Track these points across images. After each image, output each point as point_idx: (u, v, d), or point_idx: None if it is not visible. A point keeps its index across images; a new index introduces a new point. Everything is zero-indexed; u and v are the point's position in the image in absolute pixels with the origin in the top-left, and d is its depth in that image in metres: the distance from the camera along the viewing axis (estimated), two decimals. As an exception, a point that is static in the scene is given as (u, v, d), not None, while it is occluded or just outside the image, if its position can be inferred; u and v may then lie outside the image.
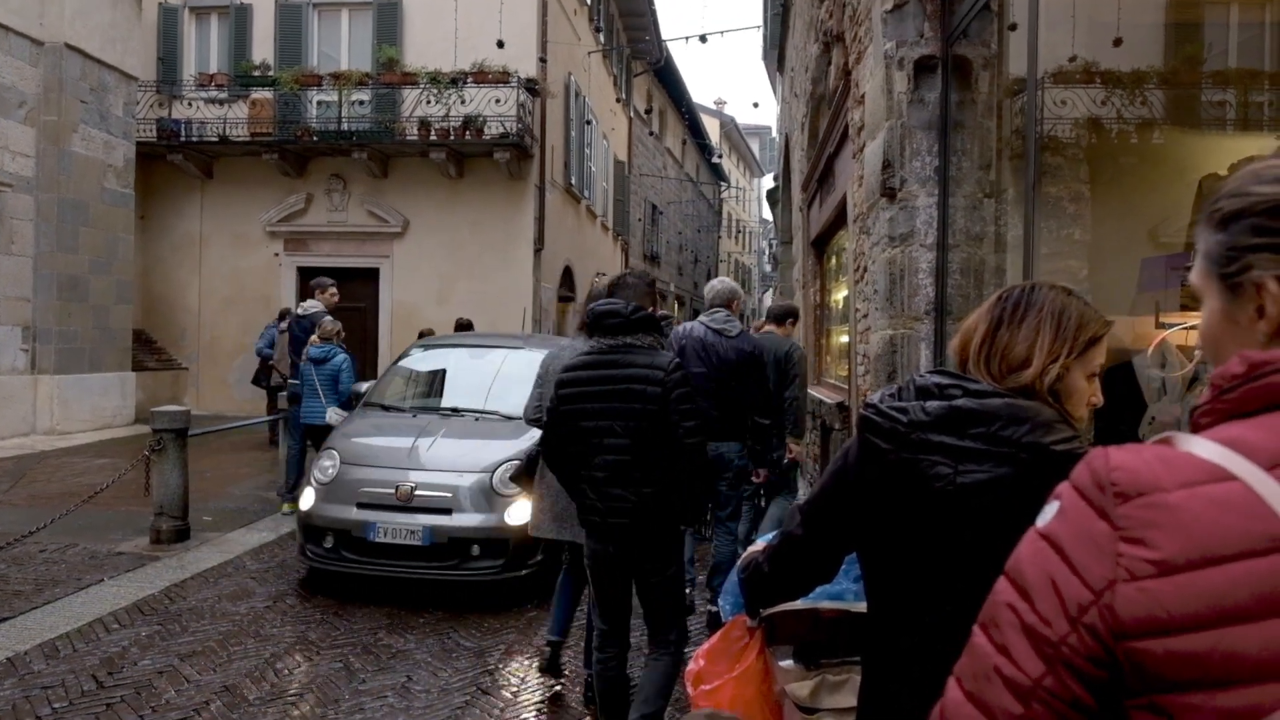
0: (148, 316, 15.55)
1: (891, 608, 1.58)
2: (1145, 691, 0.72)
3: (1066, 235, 3.91)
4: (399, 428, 6.23)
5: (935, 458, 1.44)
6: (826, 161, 7.80)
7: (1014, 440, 1.40)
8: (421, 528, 5.28)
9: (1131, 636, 0.72)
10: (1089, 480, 0.79)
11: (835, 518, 1.61)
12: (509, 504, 5.36)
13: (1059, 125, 4.00)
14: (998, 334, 1.50)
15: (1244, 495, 0.71)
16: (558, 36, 16.27)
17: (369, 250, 15.62)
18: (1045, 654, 0.77)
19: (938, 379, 1.51)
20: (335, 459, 5.75)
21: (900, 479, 1.47)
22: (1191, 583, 0.70)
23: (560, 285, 17.70)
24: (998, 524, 1.34)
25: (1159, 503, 0.74)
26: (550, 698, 4.19)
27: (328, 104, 14.71)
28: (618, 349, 3.30)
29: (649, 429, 3.17)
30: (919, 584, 1.51)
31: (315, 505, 5.59)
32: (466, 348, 7.57)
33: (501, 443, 5.77)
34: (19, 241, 11.52)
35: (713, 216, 41.13)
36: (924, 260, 3.98)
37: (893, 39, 4.10)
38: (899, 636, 1.57)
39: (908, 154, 4.01)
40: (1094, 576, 0.75)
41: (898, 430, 1.48)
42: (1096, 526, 0.76)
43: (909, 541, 1.51)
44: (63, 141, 11.96)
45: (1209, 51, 3.94)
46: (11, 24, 11.23)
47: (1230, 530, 0.70)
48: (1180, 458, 0.76)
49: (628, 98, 24.12)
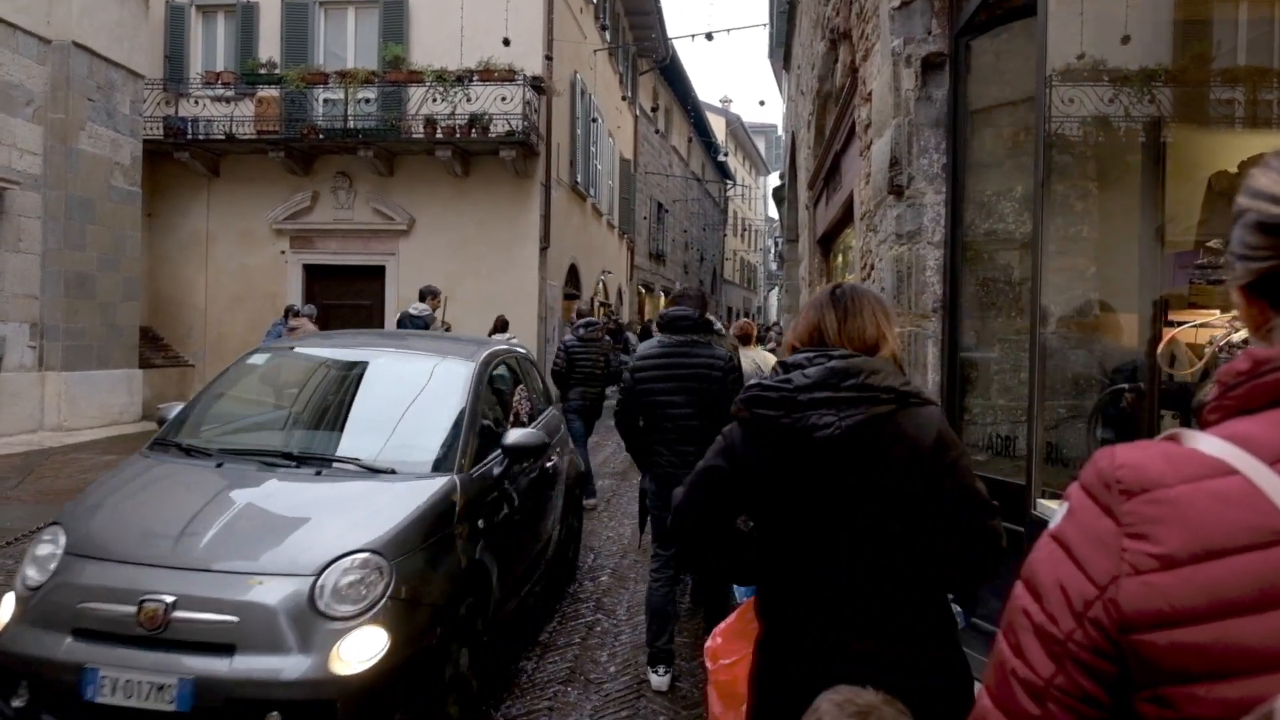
0: (154, 314, 15.60)
1: (782, 575, 1.87)
2: (1150, 684, 0.73)
3: (1074, 233, 3.90)
4: (185, 488, 3.71)
5: (821, 411, 1.77)
6: (833, 159, 7.79)
7: (878, 385, 1.78)
8: (178, 680, 2.89)
9: (1136, 630, 0.73)
10: (1096, 480, 0.80)
11: (712, 497, 1.95)
12: (342, 635, 3.03)
13: (1066, 124, 3.98)
14: (847, 322, 1.90)
15: (1246, 489, 0.72)
16: (563, 34, 16.27)
17: (375, 248, 15.64)
18: (1054, 652, 0.79)
19: (805, 355, 1.88)
20: (58, 543, 3.35)
21: (789, 441, 1.80)
22: (1194, 576, 0.71)
23: (566, 283, 17.70)
24: (873, 459, 1.77)
25: (1162, 498, 0.75)
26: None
27: (334, 102, 14.73)
28: (686, 344, 4.35)
29: (711, 403, 4.13)
30: (807, 540, 1.83)
31: (8, 628, 3.17)
32: (358, 348, 5.03)
33: (350, 519, 3.44)
34: (27, 239, 11.56)
35: (718, 215, 41.12)
36: (931, 258, 3.97)
37: (900, 36, 4.09)
38: (788, 606, 1.84)
39: (915, 151, 4.00)
40: (1099, 572, 0.76)
41: (785, 396, 1.81)
42: (1102, 524, 0.78)
43: (797, 499, 1.83)
44: (70, 139, 11.99)
45: (1218, 49, 3.93)
46: (19, 22, 11.26)
47: (1232, 524, 0.71)
48: (1184, 454, 0.77)
49: (633, 96, 24.12)
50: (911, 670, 1.72)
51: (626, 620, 5.20)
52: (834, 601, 1.79)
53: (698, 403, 4.20)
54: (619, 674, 4.42)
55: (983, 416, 4.10)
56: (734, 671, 2.08)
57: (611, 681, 4.32)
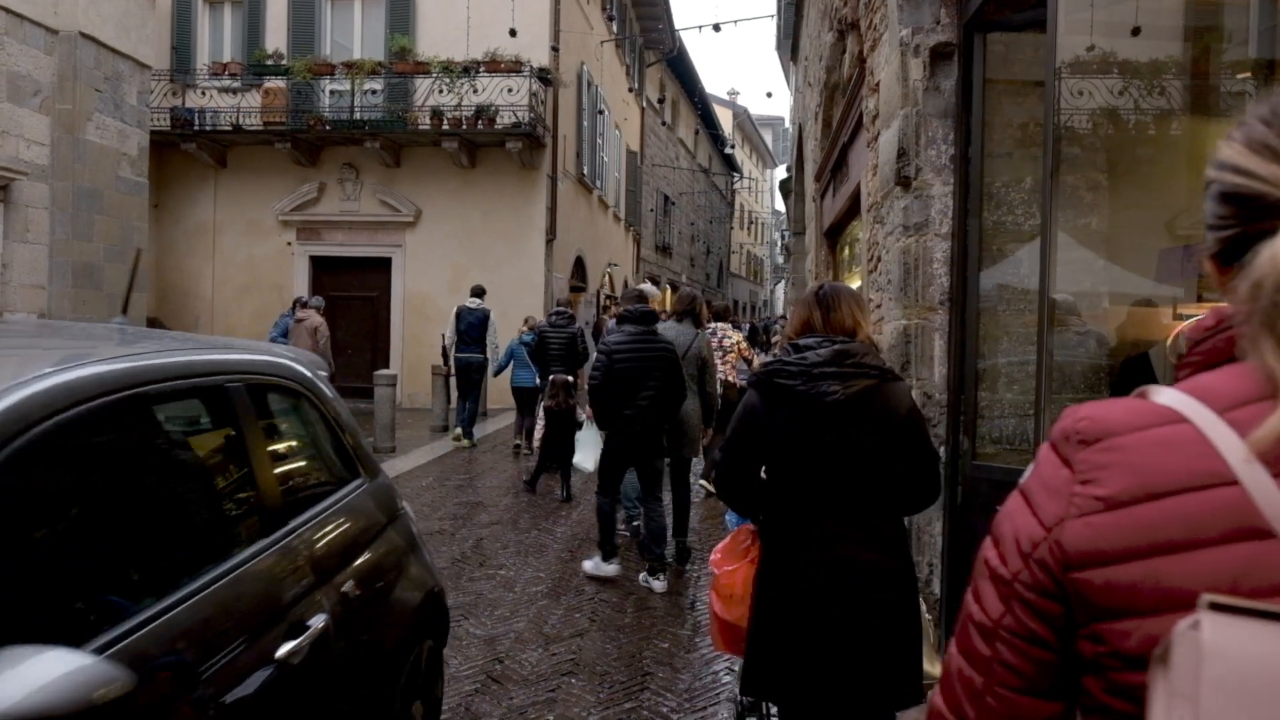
0: (162, 304, 15.63)
1: (790, 504, 2.49)
2: (1088, 621, 0.76)
3: (1084, 225, 3.88)
4: None
5: (829, 383, 2.39)
6: (840, 150, 7.75)
7: (869, 364, 2.44)
8: None
9: (1075, 568, 0.77)
10: (1059, 434, 0.84)
11: (745, 448, 2.55)
12: None
13: (1075, 116, 3.95)
14: (830, 315, 2.51)
15: (1191, 436, 0.75)
16: (570, 25, 16.22)
17: (381, 239, 15.65)
18: (1003, 593, 0.82)
19: (814, 339, 2.49)
20: None
21: (803, 403, 2.42)
22: (1130, 516, 0.74)
23: (572, 275, 17.69)
24: (864, 417, 2.40)
25: (1114, 445, 0.78)
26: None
27: (340, 93, 14.72)
28: (649, 333, 5.69)
29: (670, 379, 5.59)
30: (812, 475, 2.44)
31: None
32: None
33: None
34: (34, 229, 11.58)
35: (725, 207, 41.02)
36: (939, 249, 3.95)
37: (908, 26, 4.06)
38: (792, 526, 2.47)
39: (923, 142, 3.97)
40: (1048, 515, 0.80)
41: (804, 369, 2.42)
42: (1060, 473, 0.81)
43: (807, 445, 2.42)
44: (77, 130, 12.00)
45: (1228, 41, 3.89)
46: (26, 12, 11.26)
47: (1173, 468, 0.74)
48: (1141, 405, 0.80)
49: (640, 88, 24.05)
50: (876, 566, 2.40)
51: (632, 612, 5.20)
52: (828, 518, 2.42)
53: (662, 380, 5.53)
54: (624, 665, 4.43)
55: (990, 410, 4.08)
56: (732, 577, 2.73)
57: (617, 673, 4.33)
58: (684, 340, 6.21)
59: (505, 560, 6.19)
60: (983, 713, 0.83)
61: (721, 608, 2.76)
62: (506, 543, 6.65)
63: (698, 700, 4.04)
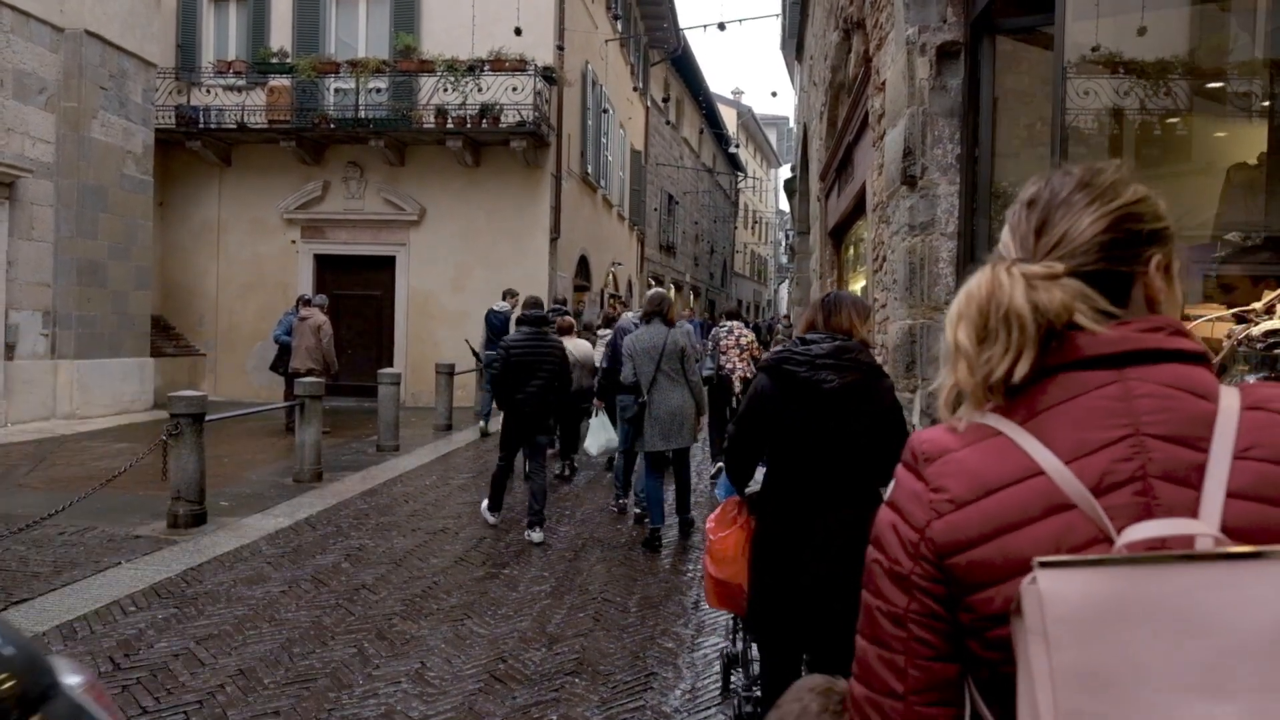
0: (166, 302, 15.65)
1: (786, 477, 2.93)
2: (961, 595, 0.96)
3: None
4: None
5: (826, 373, 2.81)
6: (845, 150, 7.74)
7: (860, 360, 2.86)
8: None
9: (946, 555, 0.97)
10: (908, 454, 1.07)
11: (755, 423, 2.98)
12: None
13: (1082, 116, 3.93)
14: (831, 318, 2.94)
15: (1004, 444, 0.98)
16: (575, 24, 16.21)
17: (385, 238, 15.65)
18: (903, 586, 1.01)
19: (818, 335, 2.92)
20: None
21: (803, 389, 2.84)
22: (976, 510, 0.96)
23: (576, 274, 17.69)
24: (854, 404, 2.81)
25: (951, 459, 1.01)
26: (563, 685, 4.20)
27: (345, 91, 14.72)
28: (541, 334, 6.81)
29: (556, 374, 6.76)
30: (807, 451, 2.86)
31: None
32: None
33: None
34: (39, 227, 11.60)
35: (729, 207, 40.99)
36: (945, 249, 3.94)
37: (915, 24, 4.04)
38: (786, 496, 2.92)
39: (929, 141, 3.96)
40: (917, 520, 1.01)
41: (808, 359, 2.84)
42: (916, 485, 1.03)
43: (806, 424, 2.84)
44: (82, 128, 12.02)
45: (1235, 41, 3.87)
46: (32, 10, 11.28)
47: (998, 469, 0.97)
48: (968, 426, 1.03)
49: (645, 87, 24.03)
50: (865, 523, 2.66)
51: (635, 612, 5.20)
52: (818, 487, 2.85)
53: (549, 374, 6.66)
54: (627, 665, 4.42)
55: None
56: (725, 542, 3.13)
57: (621, 673, 4.32)
58: (656, 340, 6.61)
59: (508, 559, 6.18)
60: (909, 685, 1.01)
61: (715, 568, 3.16)
62: (510, 541, 6.64)
63: (701, 700, 4.04)
